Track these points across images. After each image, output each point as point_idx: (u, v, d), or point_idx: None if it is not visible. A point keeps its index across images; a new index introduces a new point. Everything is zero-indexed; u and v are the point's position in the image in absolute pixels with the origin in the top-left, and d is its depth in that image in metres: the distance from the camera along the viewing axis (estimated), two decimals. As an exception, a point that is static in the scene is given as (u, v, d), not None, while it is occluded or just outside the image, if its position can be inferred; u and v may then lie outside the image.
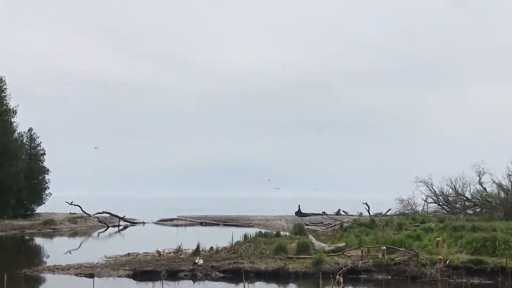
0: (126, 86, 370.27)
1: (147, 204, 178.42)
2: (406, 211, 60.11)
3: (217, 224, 67.09)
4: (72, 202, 71.03)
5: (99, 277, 25.75)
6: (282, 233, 39.72)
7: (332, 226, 54.17)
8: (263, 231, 41.49)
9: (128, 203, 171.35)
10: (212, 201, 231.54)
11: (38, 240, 49.11)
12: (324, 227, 54.16)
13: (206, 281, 25.88)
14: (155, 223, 70.28)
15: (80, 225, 63.22)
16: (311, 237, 34.63)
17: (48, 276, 26.55)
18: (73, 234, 55.84)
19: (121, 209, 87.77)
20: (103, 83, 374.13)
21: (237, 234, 37.90)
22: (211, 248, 33.50)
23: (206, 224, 68.20)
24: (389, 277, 26.42)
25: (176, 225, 66.92)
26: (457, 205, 60.04)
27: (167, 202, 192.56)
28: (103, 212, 70.24)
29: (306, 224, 51.43)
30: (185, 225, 66.70)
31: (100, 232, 57.97)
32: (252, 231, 39.92)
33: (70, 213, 73.62)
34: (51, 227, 58.89)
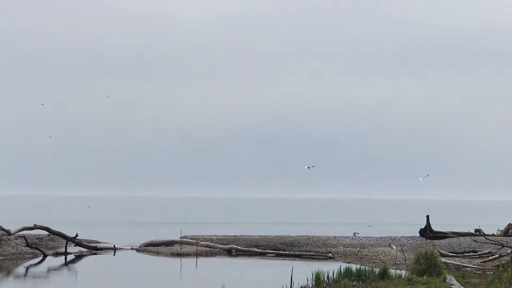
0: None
1: (124, 207, 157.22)
2: None
3: (262, 254, 51.73)
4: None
5: None
6: (393, 271, 32.81)
7: (495, 258, 43.16)
8: (354, 266, 33.50)
9: (77, 208, 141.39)
10: (250, 205, 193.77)
11: None
12: (479, 260, 43.64)
13: None
14: (137, 250, 53.82)
15: (-9, 251, 50.13)
16: (452, 280, 28.06)
17: None
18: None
19: (68, 221, 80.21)
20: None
21: (301, 273, 30.50)
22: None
23: (239, 253, 52.15)
24: None
25: (179, 254, 50.90)
26: None
27: (156, 205, 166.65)
28: (35, 227, 52.61)
29: (442, 254, 42.65)
30: (197, 254, 50.85)
31: (30, 267, 45.52)
32: (331, 268, 31.91)
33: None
34: None
